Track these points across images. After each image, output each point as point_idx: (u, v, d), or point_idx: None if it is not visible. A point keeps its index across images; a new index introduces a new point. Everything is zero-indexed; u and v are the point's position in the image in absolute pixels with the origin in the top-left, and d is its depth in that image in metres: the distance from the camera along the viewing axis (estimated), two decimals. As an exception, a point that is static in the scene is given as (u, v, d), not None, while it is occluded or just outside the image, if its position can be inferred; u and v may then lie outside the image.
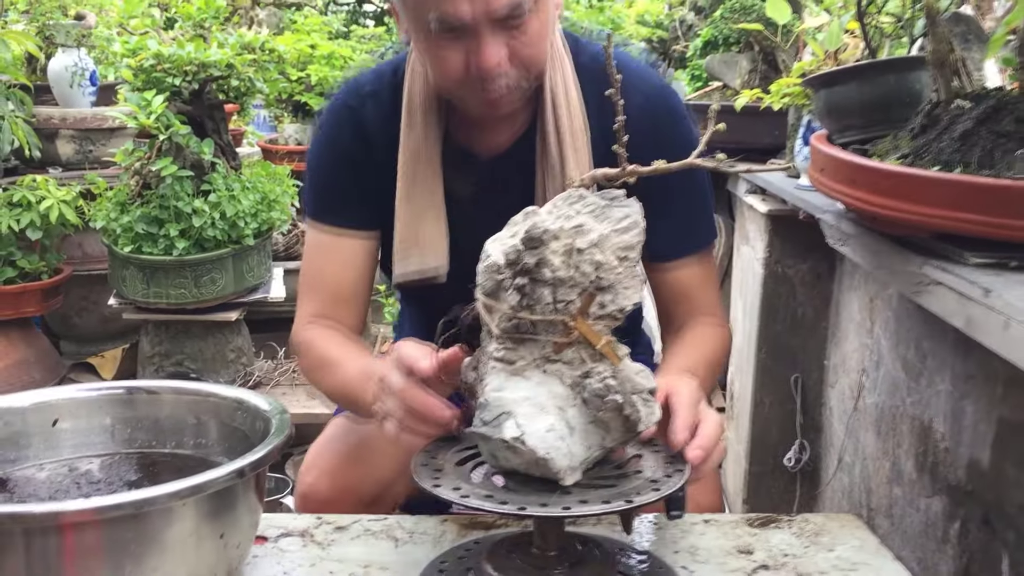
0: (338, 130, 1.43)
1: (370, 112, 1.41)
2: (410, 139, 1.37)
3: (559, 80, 1.35)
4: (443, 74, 1.26)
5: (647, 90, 1.37)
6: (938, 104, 1.37)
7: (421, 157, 1.36)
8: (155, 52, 2.40)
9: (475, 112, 1.32)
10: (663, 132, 1.35)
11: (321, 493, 1.39)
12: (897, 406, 1.72)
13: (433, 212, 1.36)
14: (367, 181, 1.41)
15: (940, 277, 1.21)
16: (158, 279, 2.49)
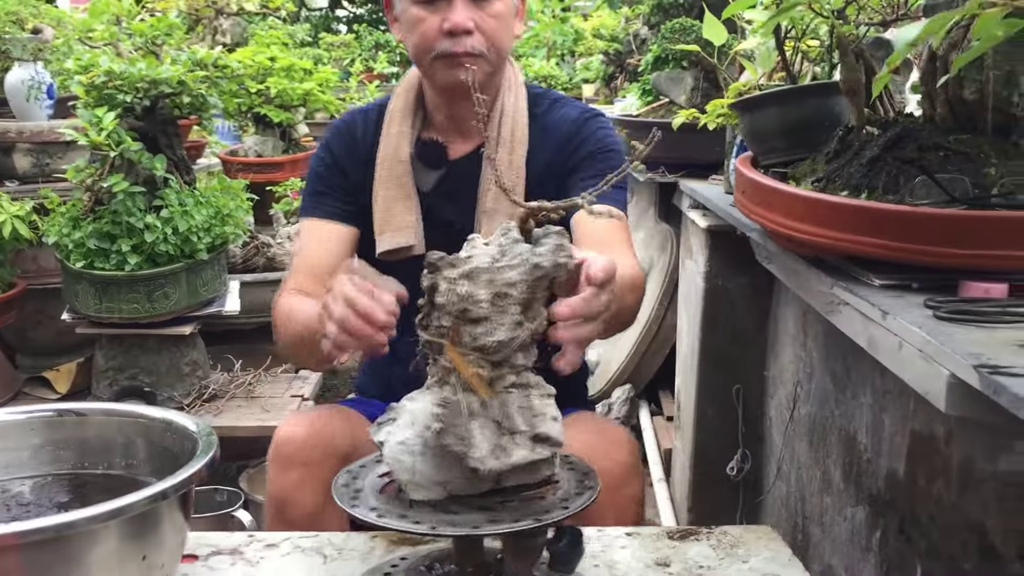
0: (333, 140, 1.73)
1: (359, 126, 1.72)
2: (387, 142, 1.66)
3: (511, 101, 1.65)
4: (422, 36, 1.56)
5: (581, 108, 1.73)
6: (851, 130, 1.42)
7: (394, 156, 1.65)
8: (106, 69, 2.41)
9: (444, 81, 1.58)
10: (585, 131, 1.65)
11: (297, 439, 1.44)
12: (827, 417, 1.77)
13: (403, 200, 1.63)
14: (352, 183, 1.68)
15: (847, 298, 1.27)
16: (111, 294, 2.50)
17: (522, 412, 1.00)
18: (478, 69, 1.51)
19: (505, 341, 0.97)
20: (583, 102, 1.85)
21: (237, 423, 2.65)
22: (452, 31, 1.53)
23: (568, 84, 5.05)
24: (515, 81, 1.69)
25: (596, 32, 3.98)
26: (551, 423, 1.00)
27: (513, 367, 1.01)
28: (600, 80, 4.33)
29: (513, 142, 1.64)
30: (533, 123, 1.66)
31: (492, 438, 0.99)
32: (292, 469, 1.40)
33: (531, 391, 1.01)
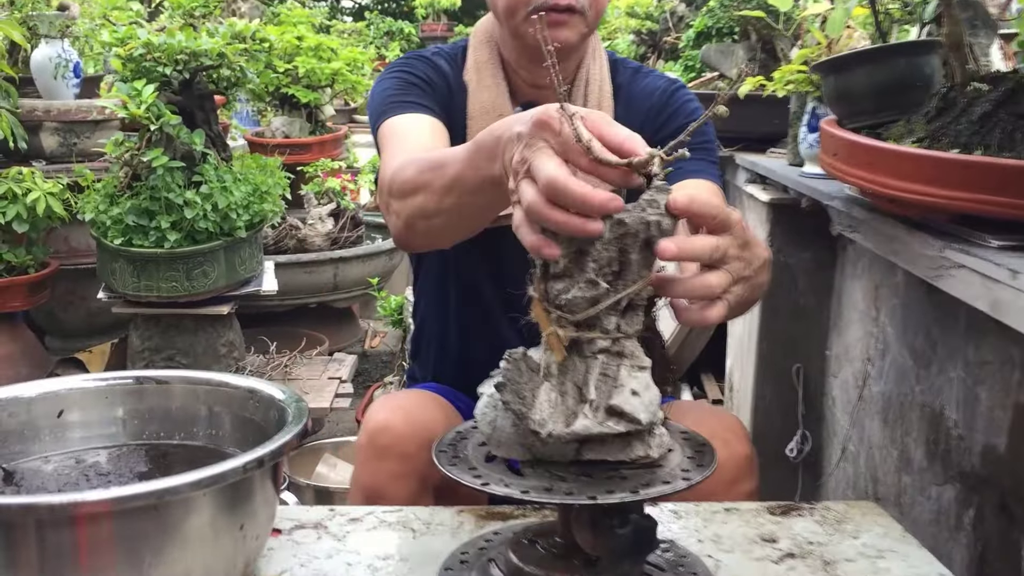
0: (414, 66, 1.52)
1: (443, 64, 1.54)
2: (481, 92, 1.50)
3: (596, 70, 1.53)
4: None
5: (667, 79, 1.61)
6: (953, 87, 1.36)
7: (494, 109, 1.47)
8: (145, 41, 2.35)
9: (535, 42, 1.36)
10: (675, 101, 1.54)
11: (396, 427, 1.32)
12: (906, 394, 1.71)
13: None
14: (436, 100, 1.48)
15: (963, 260, 1.20)
16: (149, 272, 2.44)
17: (603, 381, 0.92)
18: (575, 28, 1.41)
19: (579, 299, 0.89)
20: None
21: (276, 405, 2.60)
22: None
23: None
24: (598, 49, 1.57)
25: (629, 10, 3.90)
26: (629, 396, 0.90)
27: (606, 332, 0.93)
28: (631, 61, 4.27)
29: (601, 109, 1.51)
30: (617, 93, 1.56)
31: (560, 402, 0.92)
32: (388, 460, 1.30)
33: (623, 361, 0.93)
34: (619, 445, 0.91)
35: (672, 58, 3.54)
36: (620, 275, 0.89)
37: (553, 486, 0.90)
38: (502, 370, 0.93)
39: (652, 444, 0.92)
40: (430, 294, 1.64)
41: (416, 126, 1.42)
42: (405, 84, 1.50)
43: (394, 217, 1.26)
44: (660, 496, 0.89)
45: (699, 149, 1.42)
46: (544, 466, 0.95)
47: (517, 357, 0.94)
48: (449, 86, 1.52)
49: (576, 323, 0.92)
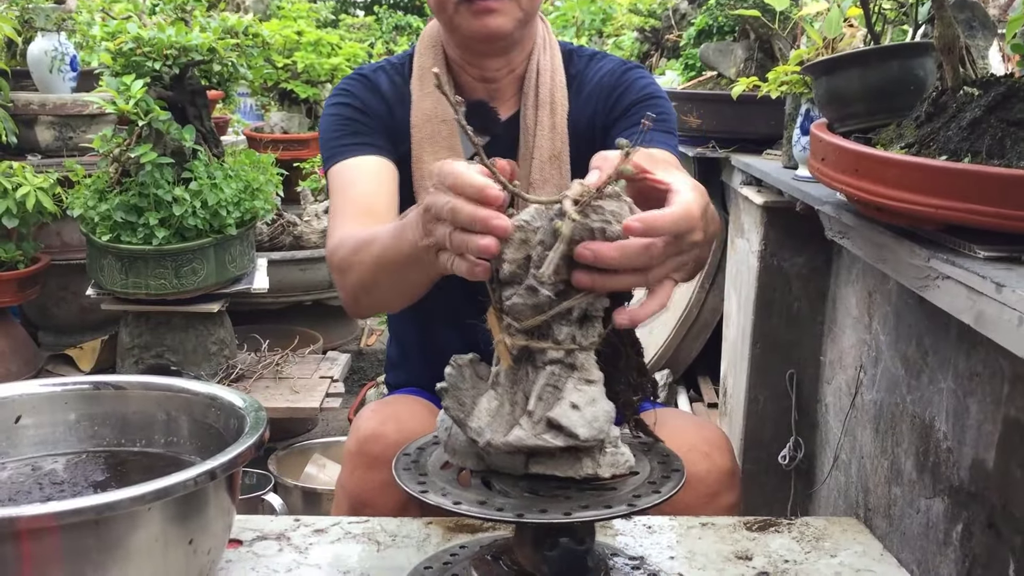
0: (353, 90, 1.50)
1: (382, 80, 1.51)
2: (423, 101, 1.47)
3: (546, 60, 1.49)
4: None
5: (619, 61, 1.56)
6: (944, 91, 1.31)
7: (435, 116, 1.45)
8: (135, 35, 2.32)
9: (470, 30, 1.38)
10: (625, 80, 1.49)
11: (388, 436, 1.29)
12: (896, 403, 1.67)
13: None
14: (379, 128, 1.46)
15: (949, 271, 1.16)
16: (137, 269, 2.42)
17: (549, 392, 0.89)
18: (508, 15, 1.36)
19: (520, 306, 0.87)
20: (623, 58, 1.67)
21: (265, 404, 2.54)
22: None
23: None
24: (549, 39, 1.53)
25: (632, 7, 3.86)
26: (568, 410, 0.86)
27: (557, 342, 0.89)
28: (634, 58, 4.22)
29: (554, 104, 1.48)
30: (571, 82, 1.51)
31: (502, 412, 0.90)
32: (377, 470, 1.27)
33: (573, 373, 0.90)
34: (568, 461, 0.88)
35: (674, 56, 3.50)
36: (571, 285, 0.85)
37: (488, 500, 0.87)
38: (446, 375, 0.91)
39: (602, 463, 0.89)
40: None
41: (358, 175, 1.41)
42: (343, 121, 1.47)
43: (341, 291, 1.33)
44: (596, 519, 0.86)
45: (656, 124, 1.41)
46: (498, 478, 0.92)
47: (462, 363, 0.93)
48: (388, 103, 1.49)
49: (526, 332, 0.89)
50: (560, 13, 5.86)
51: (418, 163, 1.47)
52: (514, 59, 1.47)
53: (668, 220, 0.82)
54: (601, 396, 0.88)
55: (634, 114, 1.45)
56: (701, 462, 1.28)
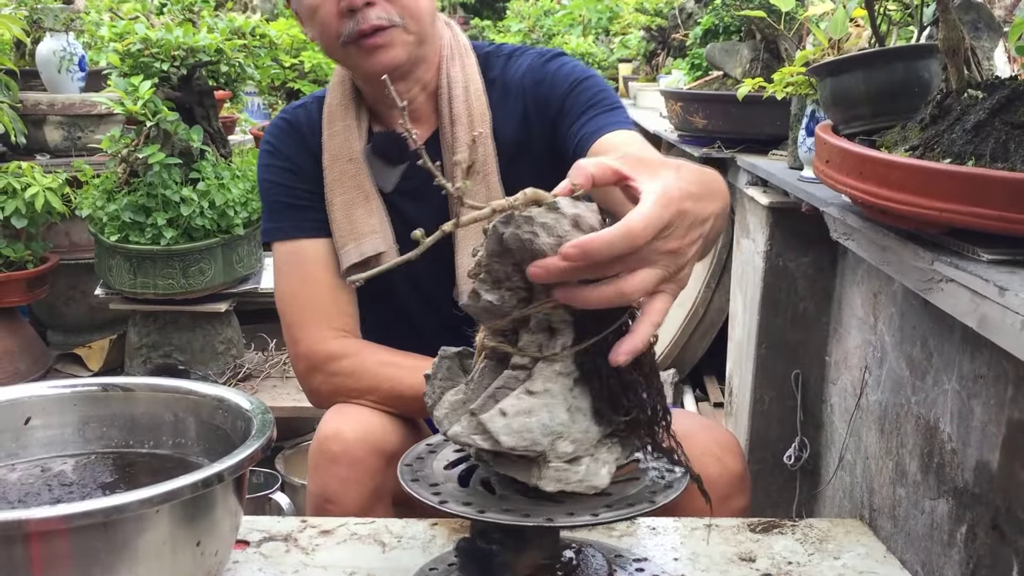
0: (278, 138, 1.52)
1: (302, 120, 1.51)
2: (331, 141, 1.46)
3: (457, 72, 1.46)
4: (322, 24, 1.36)
5: (536, 53, 1.53)
6: (949, 94, 1.32)
7: (342, 155, 1.45)
8: (143, 36, 2.34)
9: (364, 69, 1.39)
10: (547, 73, 1.47)
11: (345, 434, 1.31)
12: (901, 404, 1.68)
13: (362, 201, 1.45)
14: (314, 185, 1.47)
15: (952, 274, 1.17)
16: (145, 269, 2.43)
17: (498, 394, 0.90)
18: (399, 44, 1.35)
19: (472, 309, 0.90)
20: (544, 47, 1.64)
21: (272, 403, 2.58)
22: (351, 7, 1.32)
23: (605, 63, 4.94)
24: (457, 47, 1.49)
25: (639, 6, 3.86)
26: (496, 415, 0.87)
27: (519, 350, 0.91)
28: (640, 57, 4.22)
29: (471, 116, 1.45)
30: (491, 88, 1.47)
31: (462, 406, 0.93)
32: (337, 467, 1.29)
33: (524, 382, 0.90)
34: (523, 467, 0.89)
35: (681, 55, 3.51)
36: (533, 294, 0.87)
37: (472, 501, 0.89)
38: (433, 365, 0.93)
39: (545, 475, 0.88)
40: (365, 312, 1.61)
41: (309, 268, 1.46)
42: (277, 188, 1.49)
43: (313, 396, 1.47)
44: (579, 524, 0.88)
45: (597, 106, 1.41)
46: (501, 482, 0.94)
47: (446, 355, 0.96)
48: (310, 148, 1.49)
49: (499, 334, 0.91)
50: (567, 12, 5.87)
51: (329, 206, 1.46)
52: (422, 76, 1.45)
53: (602, 243, 0.78)
54: (542, 410, 0.87)
55: (574, 104, 1.42)
56: (712, 465, 1.28)
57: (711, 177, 0.94)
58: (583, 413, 0.91)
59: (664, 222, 0.81)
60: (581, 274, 0.81)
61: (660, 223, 0.80)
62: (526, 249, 0.83)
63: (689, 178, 0.86)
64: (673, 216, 0.82)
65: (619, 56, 4.92)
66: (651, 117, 3.49)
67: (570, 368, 0.90)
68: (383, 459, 1.31)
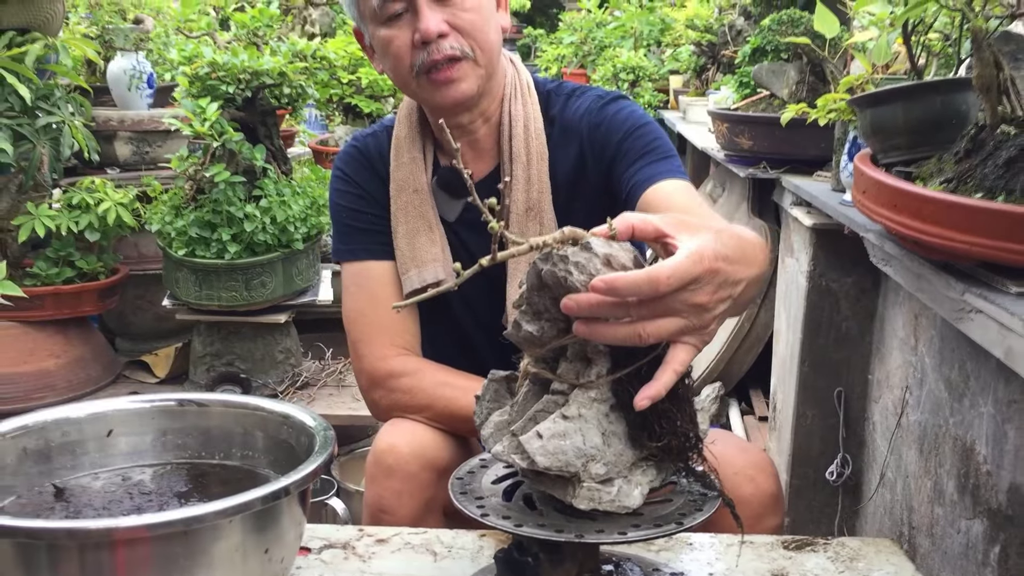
0: (349, 165, 1.60)
1: (372, 148, 1.59)
2: (397, 172, 1.54)
3: (519, 108, 1.51)
4: (396, 56, 1.41)
5: (596, 95, 1.56)
6: (983, 128, 1.36)
7: (408, 185, 1.53)
8: (210, 60, 2.45)
9: (436, 100, 1.44)
10: (605, 116, 1.51)
11: (400, 449, 1.39)
12: (940, 425, 1.71)
13: (426, 230, 1.52)
14: (381, 210, 1.55)
15: (981, 305, 1.21)
16: (210, 282, 2.55)
17: (538, 417, 0.98)
18: (470, 78, 1.41)
19: (515, 338, 0.98)
20: (603, 87, 1.65)
21: (329, 411, 2.68)
22: (425, 39, 1.37)
23: (656, 75, 4.99)
24: (520, 85, 1.54)
25: (689, 23, 3.91)
26: (533, 436, 0.94)
27: (558, 377, 0.98)
28: (691, 71, 4.26)
29: (529, 155, 1.50)
30: (551, 126, 1.53)
31: (506, 426, 1.00)
32: (392, 480, 1.37)
33: (560, 407, 0.97)
34: (559, 485, 0.96)
35: (730, 71, 3.54)
36: (571, 325, 0.94)
37: (512, 515, 0.97)
38: (482, 387, 1.01)
39: (579, 494, 0.95)
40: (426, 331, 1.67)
41: (378, 289, 1.53)
42: (348, 212, 1.57)
43: (376, 398, 1.52)
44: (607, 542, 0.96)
45: (651, 154, 1.46)
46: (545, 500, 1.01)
47: (496, 378, 1.04)
48: (380, 176, 1.57)
49: (541, 361, 0.99)
50: (619, 24, 5.92)
51: (394, 233, 1.54)
52: (487, 109, 1.51)
53: (626, 282, 0.85)
54: (576, 434, 0.94)
55: (628, 151, 1.47)
56: (746, 486, 1.33)
57: (751, 244, 1.01)
58: (618, 437, 0.97)
59: (692, 276, 0.88)
60: (609, 311, 0.88)
61: (687, 276, 0.87)
62: (561, 285, 0.91)
63: (727, 241, 0.93)
64: (703, 272, 0.89)
65: (670, 69, 4.97)
66: (700, 132, 3.54)
67: (606, 395, 0.97)
68: (435, 473, 1.39)
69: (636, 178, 1.43)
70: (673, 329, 0.89)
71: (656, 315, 0.88)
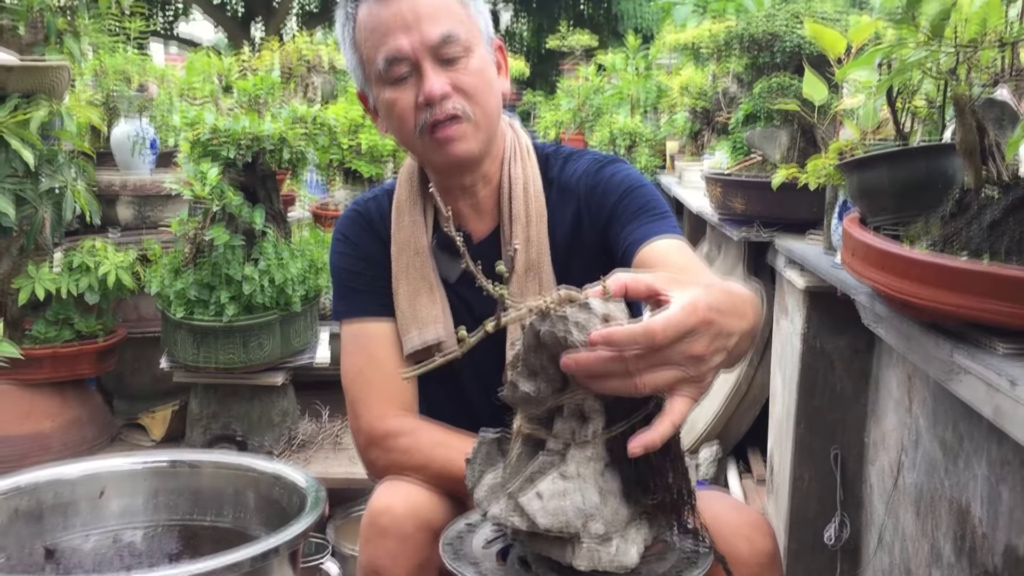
0: (350, 228, 1.62)
1: (373, 211, 1.61)
2: (398, 233, 1.56)
3: (518, 171, 1.54)
4: (400, 117, 1.44)
5: (593, 158, 1.59)
6: (968, 191, 1.38)
7: (409, 246, 1.55)
8: (212, 126, 2.49)
9: (439, 159, 1.47)
10: (602, 179, 1.53)
11: (396, 510, 1.37)
12: (936, 487, 1.71)
13: (426, 291, 1.53)
14: (381, 271, 1.56)
15: (969, 366, 1.22)
16: (208, 343, 2.56)
17: (535, 477, 0.98)
18: (471, 137, 1.44)
19: (510, 398, 0.98)
20: (600, 151, 1.69)
21: (325, 473, 2.67)
22: (429, 100, 1.41)
23: (653, 139, 5.06)
24: (520, 148, 1.57)
25: (684, 88, 3.98)
26: (533, 497, 0.94)
27: (553, 435, 0.99)
28: (686, 135, 4.33)
29: (528, 215, 1.52)
30: (550, 188, 1.55)
31: (500, 487, 1.00)
32: (387, 540, 1.36)
33: (558, 466, 0.98)
34: (558, 546, 0.96)
35: (724, 134, 3.60)
36: (567, 383, 0.95)
37: (505, 572, 0.96)
38: (473, 449, 1.01)
39: (579, 554, 0.95)
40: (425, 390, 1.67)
41: (377, 349, 1.53)
42: (347, 274, 1.58)
43: (373, 458, 1.48)
44: None
45: (647, 214, 1.48)
46: (541, 561, 1.00)
47: (487, 439, 1.03)
48: (381, 238, 1.58)
49: (535, 420, 0.99)
50: (616, 90, 6.02)
51: (395, 294, 1.55)
52: (487, 170, 1.53)
53: (623, 335, 0.88)
54: (576, 493, 0.94)
55: (624, 211, 1.49)
56: (742, 545, 1.32)
57: (742, 298, 1.03)
58: (613, 495, 0.98)
59: (687, 327, 0.90)
60: (607, 367, 0.90)
61: (682, 327, 0.89)
62: (560, 344, 0.92)
63: (718, 295, 0.96)
64: (697, 323, 0.91)
65: (666, 133, 5.04)
66: (695, 195, 3.58)
67: (601, 453, 0.98)
68: (431, 534, 1.38)
69: (632, 237, 1.45)
70: (670, 380, 0.91)
71: (653, 367, 0.90)
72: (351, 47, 1.51)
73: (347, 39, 1.50)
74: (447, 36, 1.41)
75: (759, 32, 2.66)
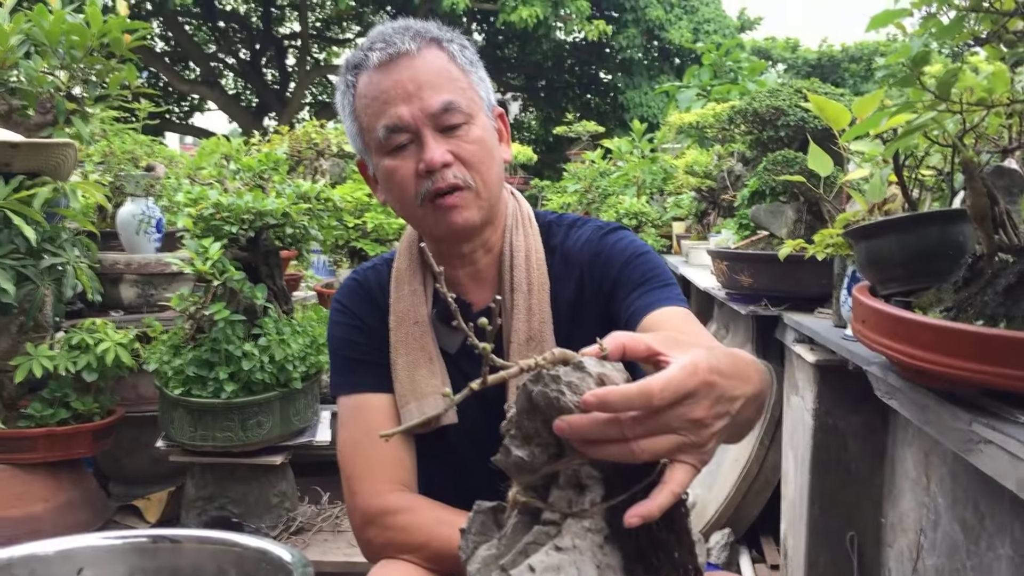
0: (348, 298, 1.58)
1: (373, 281, 1.57)
2: (398, 304, 1.52)
3: (520, 240, 1.52)
4: (400, 185, 1.41)
5: (596, 226, 1.57)
6: (981, 257, 1.35)
7: (408, 318, 1.51)
8: (215, 202, 2.49)
9: (440, 229, 1.44)
10: (604, 246, 1.51)
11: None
12: (957, 570, 1.63)
13: (426, 364, 1.49)
14: (380, 342, 1.52)
15: (990, 435, 1.17)
16: (206, 422, 2.51)
17: (529, 549, 0.92)
18: (472, 207, 1.42)
19: (503, 464, 0.93)
20: (604, 220, 1.65)
21: (323, 557, 2.59)
22: (429, 168, 1.38)
23: (659, 221, 5.07)
24: (521, 216, 1.55)
25: (689, 169, 3.99)
26: (525, 570, 0.88)
27: (550, 505, 0.93)
28: (692, 216, 4.33)
29: (530, 285, 1.50)
30: (552, 256, 1.53)
31: (494, 560, 0.94)
32: None
33: (553, 538, 0.91)
34: None
35: (730, 214, 3.59)
36: (563, 450, 0.90)
37: None
38: (468, 520, 0.95)
39: None
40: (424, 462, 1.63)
41: (375, 424, 1.48)
42: (346, 344, 1.54)
43: (369, 537, 1.45)
44: None
45: (650, 282, 1.45)
46: None
47: (482, 510, 0.98)
48: (381, 309, 1.54)
49: (529, 489, 0.94)
50: (621, 173, 6.06)
51: (393, 365, 1.50)
52: (488, 239, 1.50)
53: (618, 396, 0.82)
54: (571, 567, 0.88)
55: (627, 279, 1.46)
56: None
57: (745, 361, 0.98)
58: (613, 570, 0.91)
59: (686, 389, 0.84)
60: (603, 430, 0.84)
61: (682, 389, 0.84)
62: (553, 407, 0.87)
63: (721, 357, 0.91)
64: (698, 385, 0.85)
65: (672, 215, 5.04)
66: (702, 274, 3.55)
67: (600, 525, 0.92)
68: None
69: (636, 305, 1.41)
70: (669, 446, 0.85)
71: (651, 432, 0.84)
72: (351, 116, 1.49)
73: (347, 108, 1.49)
74: (448, 105, 1.40)
75: (763, 107, 2.67)
